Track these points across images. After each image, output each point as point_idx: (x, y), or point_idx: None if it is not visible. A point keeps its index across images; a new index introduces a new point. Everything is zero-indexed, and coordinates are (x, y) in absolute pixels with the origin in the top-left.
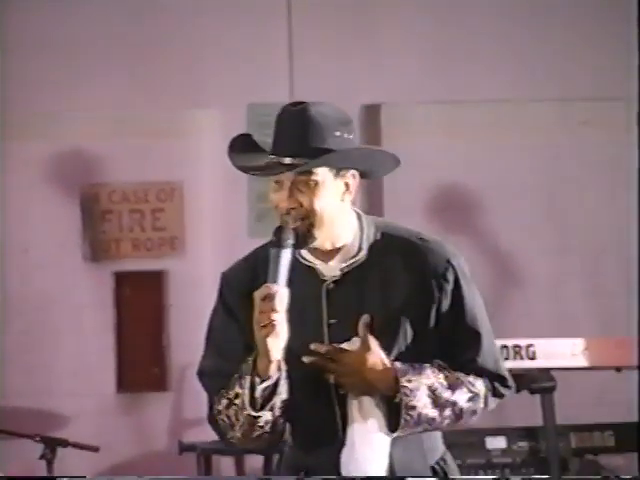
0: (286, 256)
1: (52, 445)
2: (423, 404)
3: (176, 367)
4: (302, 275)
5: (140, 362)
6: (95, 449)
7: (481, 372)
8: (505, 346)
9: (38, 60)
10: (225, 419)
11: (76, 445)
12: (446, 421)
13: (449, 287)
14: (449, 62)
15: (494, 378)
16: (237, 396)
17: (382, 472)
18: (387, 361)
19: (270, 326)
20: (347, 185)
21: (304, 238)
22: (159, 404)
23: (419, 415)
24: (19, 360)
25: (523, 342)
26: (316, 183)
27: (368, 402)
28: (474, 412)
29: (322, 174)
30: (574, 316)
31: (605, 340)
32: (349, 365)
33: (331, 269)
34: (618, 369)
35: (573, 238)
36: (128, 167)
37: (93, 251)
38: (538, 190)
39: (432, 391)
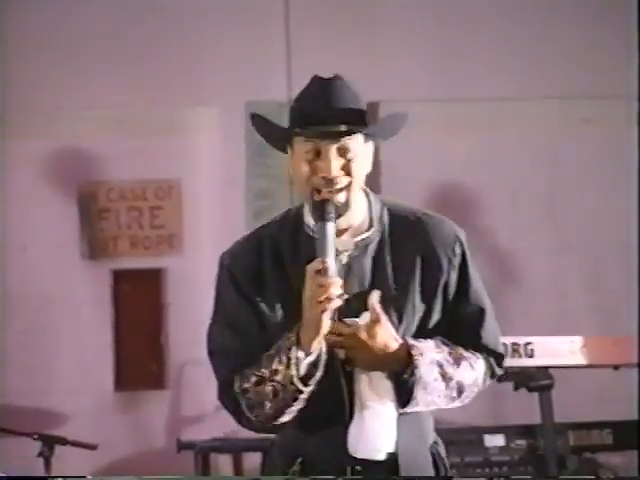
0: (332, 229)
1: (50, 443)
2: (433, 378)
3: (174, 365)
4: (312, 246)
5: (138, 360)
6: (93, 447)
7: (482, 348)
8: (503, 344)
9: (37, 59)
10: (252, 397)
11: (74, 443)
12: (447, 399)
13: (457, 261)
14: (448, 60)
15: (493, 356)
16: (276, 372)
17: (390, 448)
18: (397, 335)
19: (327, 301)
20: (369, 156)
21: (344, 208)
22: (157, 402)
23: (425, 389)
24: (17, 358)
25: (521, 340)
26: (355, 152)
27: (378, 377)
28: (472, 391)
29: (360, 143)
30: (572, 314)
31: (603, 338)
32: (359, 340)
33: (344, 244)
34: (616, 367)
35: (572, 236)
36: (126, 165)
37: (91, 249)
38: (537, 188)
39: (440, 366)
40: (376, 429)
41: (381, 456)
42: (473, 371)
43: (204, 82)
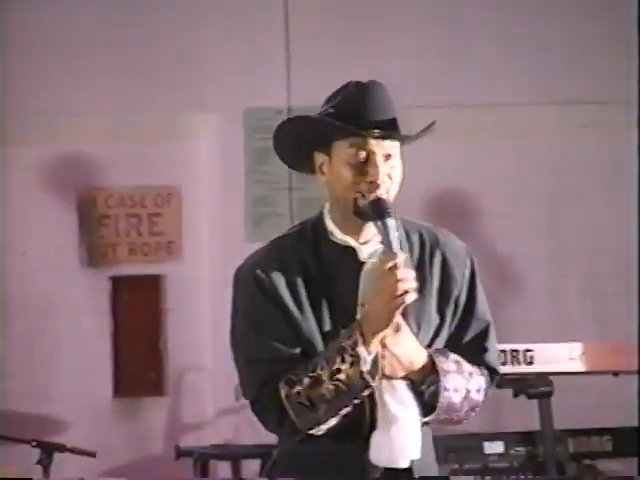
0: (393, 224)
1: (49, 450)
2: (454, 389)
3: (173, 372)
4: (337, 254)
5: (137, 367)
6: (92, 454)
7: (484, 363)
8: (503, 351)
9: (36, 64)
10: (305, 400)
11: (73, 450)
12: (463, 412)
13: (468, 273)
14: (448, 66)
15: (492, 371)
16: (339, 371)
17: (415, 455)
18: (418, 343)
19: (405, 295)
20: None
21: (393, 209)
22: (156, 409)
23: (450, 399)
24: (16, 364)
25: (521, 347)
26: (397, 158)
27: (402, 386)
28: (476, 405)
29: (398, 149)
30: (572, 321)
31: (603, 345)
32: (387, 347)
33: (368, 251)
34: (616, 374)
35: (572, 243)
36: (125, 171)
37: (90, 256)
38: (537, 194)
39: (459, 377)
40: (402, 437)
41: (405, 463)
42: (478, 386)
43: (203, 89)
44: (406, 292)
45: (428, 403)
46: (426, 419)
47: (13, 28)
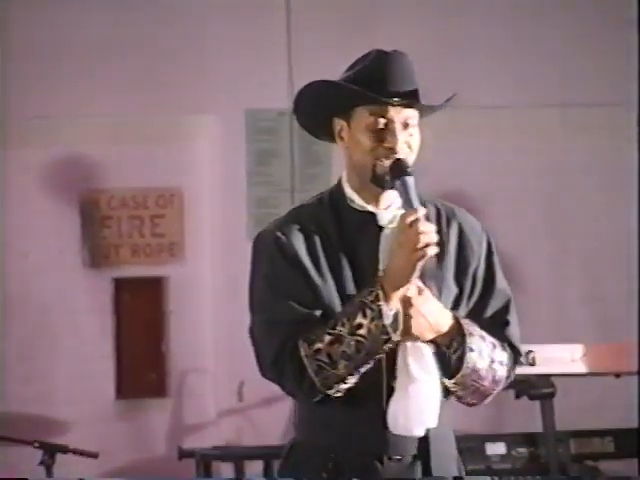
0: (412, 182)
1: (51, 451)
2: (479, 351)
3: (175, 373)
4: (357, 220)
5: (139, 368)
6: (94, 455)
7: (506, 339)
8: None
9: (37, 66)
10: (324, 358)
11: (75, 451)
12: (484, 380)
13: (485, 247)
14: (448, 67)
15: (514, 350)
16: (360, 326)
17: (432, 424)
18: (442, 305)
19: (426, 248)
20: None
21: (412, 169)
22: (158, 410)
23: (475, 363)
24: (18, 366)
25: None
26: (415, 127)
27: (427, 350)
28: (501, 380)
29: (417, 119)
30: (574, 322)
31: (604, 346)
32: (413, 306)
33: (387, 217)
34: (617, 375)
35: (573, 244)
36: (127, 173)
37: (92, 257)
38: (538, 196)
39: (484, 342)
40: (420, 404)
41: (420, 432)
42: (503, 360)
43: (205, 90)
44: (427, 245)
45: (454, 367)
46: (452, 381)
47: (15, 30)
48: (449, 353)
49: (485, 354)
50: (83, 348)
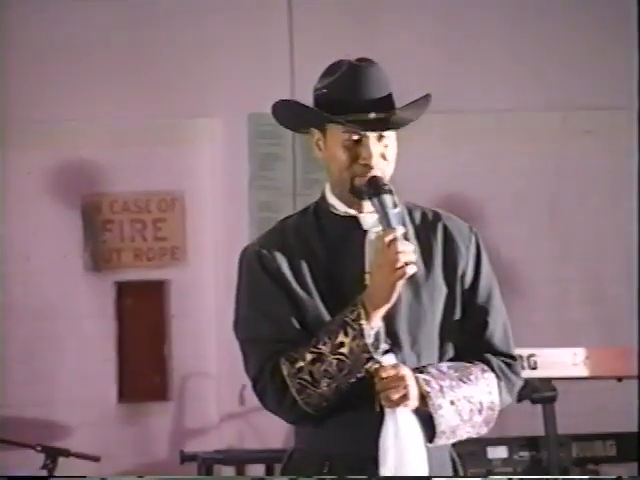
0: (390, 200)
1: (53, 455)
2: (449, 401)
3: (177, 377)
4: (341, 227)
5: (141, 372)
6: (96, 459)
7: (490, 346)
8: None
9: (38, 69)
10: (307, 376)
11: (77, 455)
12: (469, 425)
13: (473, 250)
14: (451, 71)
15: (503, 357)
16: (341, 345)
17: (422, 446)
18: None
19: (405, 267)
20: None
21: (388, 185)
22: (160, 414)
23: (448, 422)
24: (20, 369)
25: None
26: (390, 138)
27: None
28: (491, 408)
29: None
30: (575, 326)
31: (606, 350)
32: (399, 379)
33: (371, 220)
34: (619, 379)
35: (575, 247)
36: (129, 177)
37: (94, 261)
38: (540, 200)
39: (450, 390)
40: (410, 428)
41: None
42: (484, 385)
43: (207, 94)
44: (406, 264)
45: (432, 424)
46: (435, 442)
47: (15, 33)
48: (422, 414)
49: (459, 403)
50: (85, 352)
